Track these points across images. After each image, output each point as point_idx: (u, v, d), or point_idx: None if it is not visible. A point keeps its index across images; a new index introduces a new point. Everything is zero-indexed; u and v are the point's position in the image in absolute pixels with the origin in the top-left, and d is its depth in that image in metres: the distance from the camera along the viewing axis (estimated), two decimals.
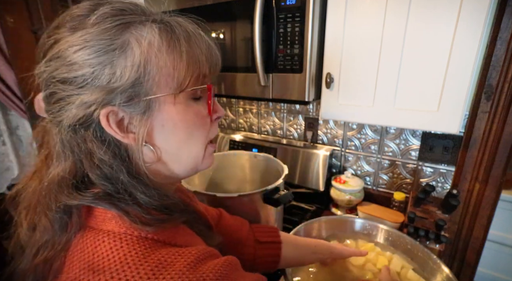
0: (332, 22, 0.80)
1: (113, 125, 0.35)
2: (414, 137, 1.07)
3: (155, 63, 0.34)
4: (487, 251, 1.25)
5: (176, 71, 0.36)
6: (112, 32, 0.33)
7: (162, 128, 0.37)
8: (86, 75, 0.33)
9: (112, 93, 0.33)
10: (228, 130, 1.57)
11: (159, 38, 0.35)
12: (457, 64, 0.68)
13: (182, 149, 0.40)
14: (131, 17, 0.35)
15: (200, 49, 0.38)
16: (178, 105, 0.37)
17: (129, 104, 0.35)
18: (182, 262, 0.32)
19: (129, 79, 0.33)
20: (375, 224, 0.87)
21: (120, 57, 0.33)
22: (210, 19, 0.93)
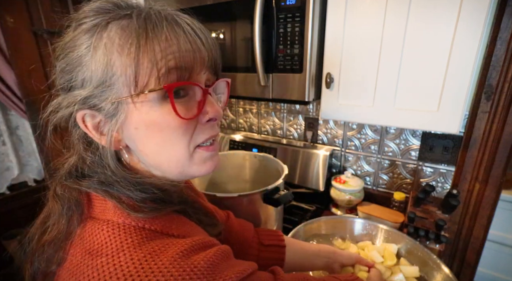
0: (332, 22, 0.80)
1: (90, 127, 0.36)
2: (414, 137, 1.07)
3: (115, 64, 0.33)
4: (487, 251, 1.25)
5: (129, 72, 0.33)
6: (79, 37, 0.34)
7: (136, 131, 0.36)
8: (66, 79, 0.36)
9: (85, 97, 0.35)
10: (228, 130, 1.57)
11: (118, 37, 0.33)
12: (457, 64, 0.68)
13: (161, 153, 0.37)
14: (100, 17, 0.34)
15: (160, 42, 0.33)
16: (145, 107, 0.35)
17: (99, 107, 0.35)
18: (175, 249, 0.32)
19: (95, 83, 0.34)
20: (375, 224, 0.87)
21: (88, 62, 0.34)
22: (210, 19, 0.93)
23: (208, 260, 0.33)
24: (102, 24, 0.34)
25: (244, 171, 1.04)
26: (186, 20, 0.37)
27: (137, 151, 0.38)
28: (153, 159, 0.38)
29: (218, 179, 1.04)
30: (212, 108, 0.39)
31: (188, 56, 0.35)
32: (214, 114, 0.39)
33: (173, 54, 0.34)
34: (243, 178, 1.05)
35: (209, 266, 0.33)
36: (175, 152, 0.38)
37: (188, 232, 0.39)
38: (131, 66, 0.33)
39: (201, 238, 0.37)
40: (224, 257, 0.36)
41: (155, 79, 0.34)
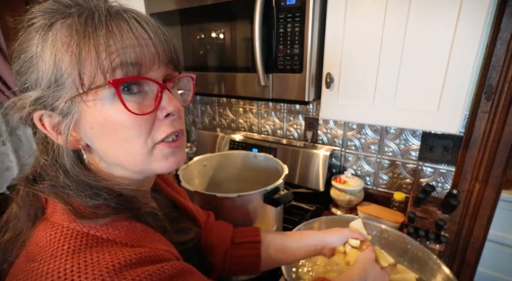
0: (332, 22, 0.80)
1: (48, 127, 0.36)
2: (414, 137, 1.07)
3: (63, 63, 0.33)
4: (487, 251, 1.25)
5: (74, 69, 0.33)
6: (30, 36, 0.34)
7: (92, 130, 0.36)
8: (21, 81, 0.36)
9: (38, 97, 0.35)
10: (228, 130, 1.57)
11: (65, 35, 0.33)
12: (457, 64, 0.68)
13: (119, 151, 0.37)
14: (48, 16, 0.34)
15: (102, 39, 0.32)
16: (97, 105, 0.34)
17: (54, 106, 0.35)
18: (108, 263, 0.31)
19: (46, 82, 0.34)
20: (375, 224, 0.87)
21: (38, 62, 0.34)
22: (210, 19, 0.93)
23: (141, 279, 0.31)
24: (48, 23, 0.34)
25: (244, 171, 1.04)
26: (133, 15, 0.36)
27: (97, 150, 0.38)
28: (113, 157, 0.38)
29: (218, 179, 1.04)
30: (169, 103, 0.37)
31: (134, 51, 0.34)
32: (172, 109, 0.37)
33: (117, 51, 0.33)
34: (243, 178, 1.05)
35: None
36: (132, 149, 0.37)
37: (141, 241, 0.37)
38: (75, 65, 0.33)
39: (151, 250, 0.36)
40: (171, 276, 0.34)
41: (101, 76, 0.33)
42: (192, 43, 1.00)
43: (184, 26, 1.00)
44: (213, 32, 0.95)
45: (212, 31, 0.95)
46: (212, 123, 1.67)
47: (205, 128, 1.67)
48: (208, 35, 0.96)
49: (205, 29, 0.96)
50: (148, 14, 1.09)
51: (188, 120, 1.79)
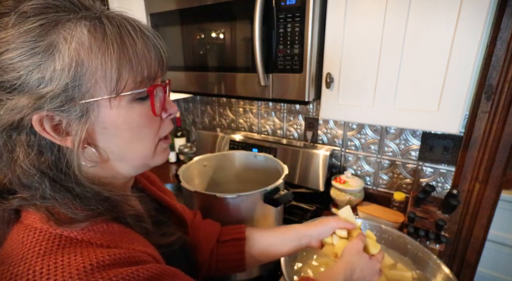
0: (332, 22, 0.80)
1: (48, 129, 0.34)
2: (414, 137, 1.07)
3: (87, 65, 0.33)
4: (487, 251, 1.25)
5: (109, 74, 0.34)
6: (36, 33, 0.31)
7: (105, 130, 0.37)
8: (12, 81, 0.31)
9: (43, 98, 0.32)
10: (228, 130, 1.57)
11: (89, 38, 0.33)
12: (457, 64, 0.68)
13: (128, 149, 0.39)
14: (57, 15, 0.32)
15: (135, 50, 0.35)
16: (118, 108, 0.36)
17: (64, 108, 0.33)
18: (79, 264, 0.30)
19: (60, 83, 0.32)
20: (375, 224, 0.87)
21: (48, 60, 0.31)
22: (210, 19, 0.93)
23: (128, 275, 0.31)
24: (61, 21, 0.32)
25: (244, 171, 1.04)
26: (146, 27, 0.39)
27: (103, 149, 0.38)
28: (119, 154, 0.39)
29: (218, 179, 1.04)
30: (170, 105, 0.43)
31: (156, 61, 0.38)
32: (173, 110, 0.43)
33: (146, 60, 0.37)
34: (243, 178, 1.05)
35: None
36: (143, 147, 0.40)
37: (117, 241, 0.36)
38: (112, 69, 0.34)
39: (127, 251, 0.35)
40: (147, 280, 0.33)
41: (133, 83, 0.36)
42: (192, 43, 1.00)
43: (184, 26, 1.00)
44: (213, 32, 0.95)
45: (212, 31, 0.95)
46: (212, 123, 1.67)
47: (205, 128, 1.67)
48: (208, 35, 0.96)
49: (205, 29, 0.96)
50: (148, 14, 1.09)
51: (188, 120, 1.79)
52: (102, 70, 0.34)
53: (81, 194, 0.36)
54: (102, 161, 0.39)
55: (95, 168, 0.39)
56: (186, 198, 0.84)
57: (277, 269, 0.87)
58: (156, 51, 0.38)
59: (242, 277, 0.84)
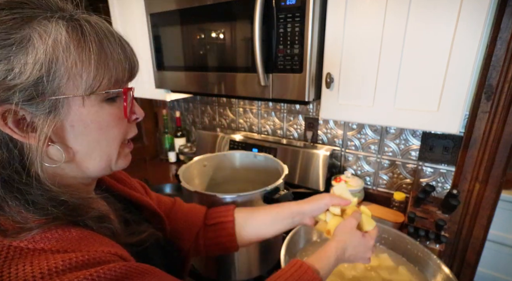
0: (332, 22, 0.80)
1: (10, 124, 0.32)
2: (414, 137, 1.07)
3: (62, 62, 0.33)
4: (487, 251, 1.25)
5: (85, 73, 0.34)
6: (9, 25, 0.31)
7: (72, 128, 0.36)
8: None
9: (9, 90, 0.31)
10: (228, 130, 1.57)
11: (66, 37, 0.33)
12: (457, 64, 0.68)
13: (94, 150, 0.39)
14: (32, 11, 0.32)
15: (112, 51, 0.37)
16: (89, 107, 0.36)
17: (31, 103, 0.32)
18: (28, 275, 0.28)
19: (30, 77, 0.31)
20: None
21: (19, 53, 0.31)
22: (210, 19, 0.93)
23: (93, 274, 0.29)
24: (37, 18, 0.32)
25: (244, 171, 1.04)
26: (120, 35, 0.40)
27: (66, 147, 0.37)
28: (84, 154, 0.39)
29: (218, 179, 1.04)
30: (138, 109, 0.44)
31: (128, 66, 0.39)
32: (140, 114, 0.44)
33: (120, 63, 0.38)
34: (243, 178, 1.05)
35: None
36: (109, 148, 0.40)
37: (75, 245, 0.34)
38: (89, 68, 0.35)
39: (86, 253, 0.32)
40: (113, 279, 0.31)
41: (108, 83, 0.37)
42: (192, 43, 1.00)
43: (184, 26, 1.00)
44: (213, 32, 0.95)
45: (212, 31, 0.95)
46: (212, 123, 1.67)
47: (205, 128, 1.67)
48: (208, 35, 0.96)
49: (205, 29, 0.96)
50: (148, 14, 1.09)
51: (188, 120, 1.79)
52: (78, 68, 0.34)
53: (34, 198, 0.34)
54: (66, 161, 0.37)
55: (56, 168, 0.37)
56: (186, 198, 0.84)
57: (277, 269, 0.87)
58: (128, 55, 0.39)
59: (242, 277, 0.84)
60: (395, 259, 0.80)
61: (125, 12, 1.26)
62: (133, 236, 0.44)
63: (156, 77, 1.17)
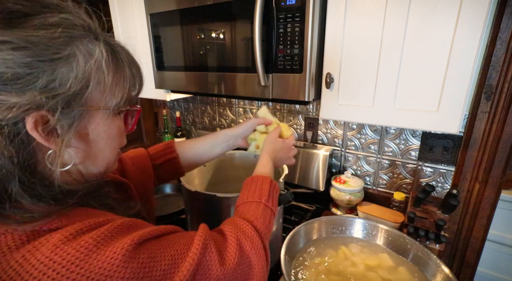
0: (332, 22, 0.80)
1: (39, 129, 0.35)
2: (414, 137, 1.07)
3: (97, 80, 0.38)
4: (487, 251, 1.25)
5: (114, 91, 0.40)
6: (59, 41, 0.34)
7: (87, 136, 0.40)
8: (20, 74, 0.32)
9: (48, 98, 0.34)
10: None
11: (106, 59, 0.39)
12: (457, 64, 0.68)
13: (99, 155, 0.43)
14: (79, 32, 0.37)
15: (135, 75, 0.44)
16: (104, 119, 0.41)
17: (62, 112, 0.35)
18: (58, 237, 0.32)
19: (70, 89, 0.35)
20: (375, 224, 0.87)
21: (63, 67, 0.34)
22: (210, 19, 0.93)
23: (99, 236, 0.33)
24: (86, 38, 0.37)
25: (244, 171, 1.04)
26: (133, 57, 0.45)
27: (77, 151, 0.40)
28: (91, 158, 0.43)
29: (218, 179, 1.04)
30: (132, 122, 0.50)
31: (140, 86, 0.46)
32: (133, 126, 0.50)
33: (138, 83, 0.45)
34: (243, 178, 1.04)
35: (99, 241, 0.33)
36: (111, 154, 0.45)
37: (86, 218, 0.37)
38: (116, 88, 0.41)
39: (94, 219, 0.36)
40: (124, 228, 0.36)
41: (126, 99, 0.43)
42: (192, 43, 1.00)
43: (184, 26, 1.00)
44: (213, 32, 0.95)
45: (212, 31, 0.95)
46: (212, 123, 1.67)
47: (205, 128, 1.67)
48: (208, 35, 0.96)
49: (205, 29, 0.96)
50: (148, 14, 1.09)
51: (188, 120, 1.79)
52: (106, 86, 0.39)
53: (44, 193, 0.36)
54: (74, 164, 0.40)
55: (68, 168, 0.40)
56: (186, 198, 0.84)
57: (277, 269, 0.87)
58: (142, 78, 0.46)
59: None
60: (395, 259, 0.80)
61: (125, 12, 1.26)
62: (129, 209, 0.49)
63: (156, 77, 1.17)
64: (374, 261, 0.79)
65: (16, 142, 0.34)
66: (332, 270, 0.76)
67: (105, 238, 0.34)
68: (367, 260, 0.79)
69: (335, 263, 0.78)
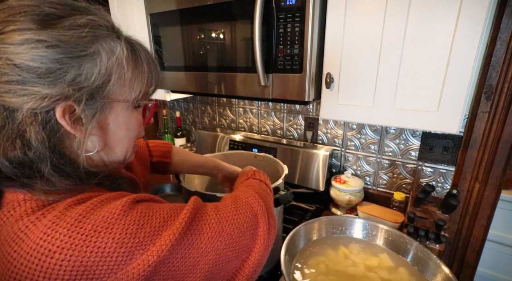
0: (332, 22, 0.80)
1: (67, 117, 0.39)
2: (414, 137, 1.07)
3: (118, 75, 0.42)
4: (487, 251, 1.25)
5: (133, 86, 0.44)
6: (86, 40, 0.38)
7: (108, 126, 0.44)
8: (52, 69, 0.36)
9: (74, 91, 0.38)
10: (228, 130, 1.57)
11: (126, 56, 0.42)
12: (457, 64, 0.68)
13: (119, 145, 0.47)
14: (103, 31, 0.41)
15: (152, 71, 0.47)
16: (124, 111, 0.45)
17: (87, 103, 0.39)
18: (78, 210, 0.35)
19: (94, 83, 0.39)
20: (375, 224, 0.87)
21: (88, 63, 0.38)
22: (210, 19, 0.93)
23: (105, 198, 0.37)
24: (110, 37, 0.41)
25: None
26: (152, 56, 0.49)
27: (99, 140, 0.44)
28: (110, 147, 0.46)
29: None
30: (149, 115, 0.53)
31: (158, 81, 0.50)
32: (149, 119, 0.54)
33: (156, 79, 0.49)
34: None
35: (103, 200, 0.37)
36: (128, 144, 0.49)
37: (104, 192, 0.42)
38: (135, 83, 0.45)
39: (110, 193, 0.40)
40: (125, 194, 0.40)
41: (144, 94, 0.47)
42: (192, 43, 1.00)
43: (184, 26, 1.00)
44: (213, 32, 0.95)
45: (212, 31, 0.95)
46: (212, 123, 1.67)
47: (205, 128, 1.67)
48: (208, 35, 0.96)
49: (205, 29, 0.96)
50: (148, 14, 1.09)
51: (188, 120, 1.79)
52: (127, 81, 0.43)
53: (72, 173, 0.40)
54: (97, 150, 0.45)
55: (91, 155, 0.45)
56: (186, 198, 0.84)
57: (277, 269, 0.87)
58: (159, 74, 0.50)
59: None
60: (395, 259, 0.80)
61: (125, 12, 1.26)
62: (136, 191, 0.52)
63: None
64: (374, 261, 0.79)
65: (47, 129, 0.39)
66: (332, 270, 0.76)
67: (108, 198, 0.38)
68: (367, 260, 0.79)
69: (335, 263, 0.78)
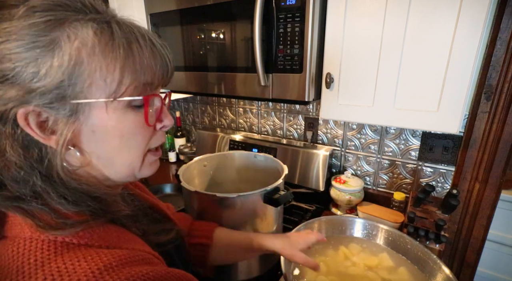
0: (332, 22, 0.80)
1: (33, 125, 0.32)
2: (414, 137, 1.07)
3: (86, 66, 0.32)
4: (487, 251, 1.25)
5: (109, 78, 0.33)
6: (40, 28, 0.30)
7: (93, 133, 0.35)
8: (5, 71, 0.30)
9: (34, 92, 0.31)
10: (228, 130, 1.57)
11: (93, 39, 0.32)
12: (457, 64, 0.68)
13: (116, 156, 0.38)
14: (65, 13, 0.32)
15: (141, 56, 0.35)
16: (112, 112, 0.35)
17: (53, 106, 0.32)
18: (86, 269, 0.29)
19: (54, 80, 0.31)
20: (375, 224, 0.87)
21: (46, 56, 0.30)
22: (210, 19, 0.93)
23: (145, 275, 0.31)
24: (69, 20, 0.32)
25: (244, 171, 1.04)
26: (155, 37, 0.39)
27: (87, 152, 0.36)
28: (105, 159, 0.38)
29: (218, 179, 1.03)
30: (166, 117, 0.42)
31: (160, 71, 0.38)
32: (168, 122, 0.42)
33: (151, 68, 0.36)
34: (243, 178, 1.05)
35: None
36: (131, 155, 0.39)
37: (116, 242, 0.35)
38: (114, 72, 0.33)
39: (130, 251, 0.34)
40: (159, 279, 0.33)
41: (134, 89, 0.35)
42: (192, 43, 1.00)
43: (184, 26, 1.00)
44: (213, 32, 0.95)
45: (212, 31, 0.95)
46: (212, 123, 1.67)
47: (205, 128, 1.67)
48: (208, 35, 0.96)
49: (205, 29, 0.96)
50: (148, 14, 1.09)
51: (188, 120, 1.79)
52: (102, 72, 0.33)
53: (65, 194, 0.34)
54: (84, 165, 0.37)
55: (80, 170, 0.37)
56: (186, 198, 0.84)
57: (277, 269, 0.87)
58: (162, 60, 0.38)
59: (242, 277, 0.84)
60: (395, 259, 0.80)
61: (125, 12, 1.26)
62: (160, 236, 0.45)
63: None
64: (374, 261, 0.79)
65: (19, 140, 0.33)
66: (332, 270, 0.76)
67: None
68: (367, 260, 0.79)
69: (335, 263, 0.78)
